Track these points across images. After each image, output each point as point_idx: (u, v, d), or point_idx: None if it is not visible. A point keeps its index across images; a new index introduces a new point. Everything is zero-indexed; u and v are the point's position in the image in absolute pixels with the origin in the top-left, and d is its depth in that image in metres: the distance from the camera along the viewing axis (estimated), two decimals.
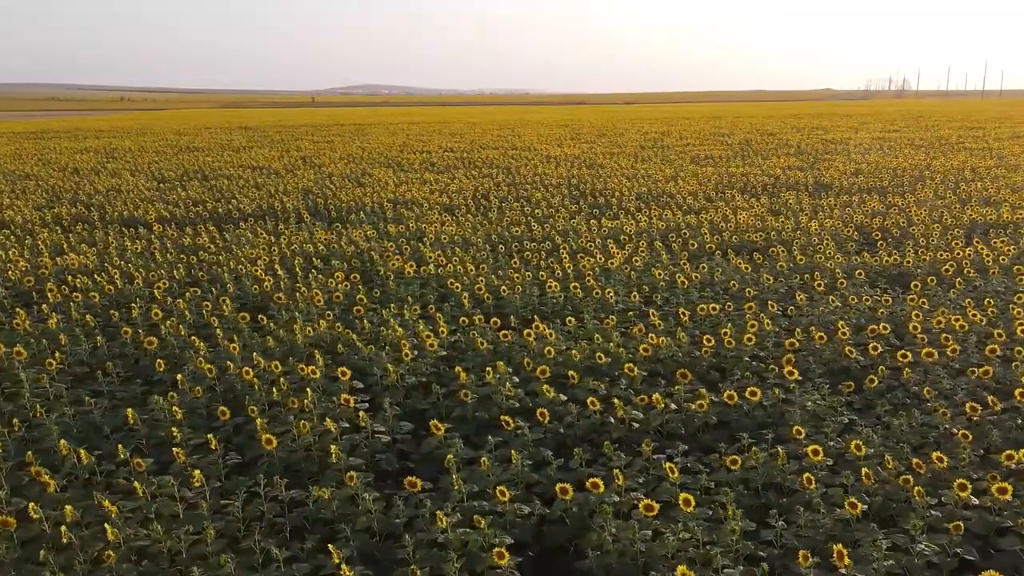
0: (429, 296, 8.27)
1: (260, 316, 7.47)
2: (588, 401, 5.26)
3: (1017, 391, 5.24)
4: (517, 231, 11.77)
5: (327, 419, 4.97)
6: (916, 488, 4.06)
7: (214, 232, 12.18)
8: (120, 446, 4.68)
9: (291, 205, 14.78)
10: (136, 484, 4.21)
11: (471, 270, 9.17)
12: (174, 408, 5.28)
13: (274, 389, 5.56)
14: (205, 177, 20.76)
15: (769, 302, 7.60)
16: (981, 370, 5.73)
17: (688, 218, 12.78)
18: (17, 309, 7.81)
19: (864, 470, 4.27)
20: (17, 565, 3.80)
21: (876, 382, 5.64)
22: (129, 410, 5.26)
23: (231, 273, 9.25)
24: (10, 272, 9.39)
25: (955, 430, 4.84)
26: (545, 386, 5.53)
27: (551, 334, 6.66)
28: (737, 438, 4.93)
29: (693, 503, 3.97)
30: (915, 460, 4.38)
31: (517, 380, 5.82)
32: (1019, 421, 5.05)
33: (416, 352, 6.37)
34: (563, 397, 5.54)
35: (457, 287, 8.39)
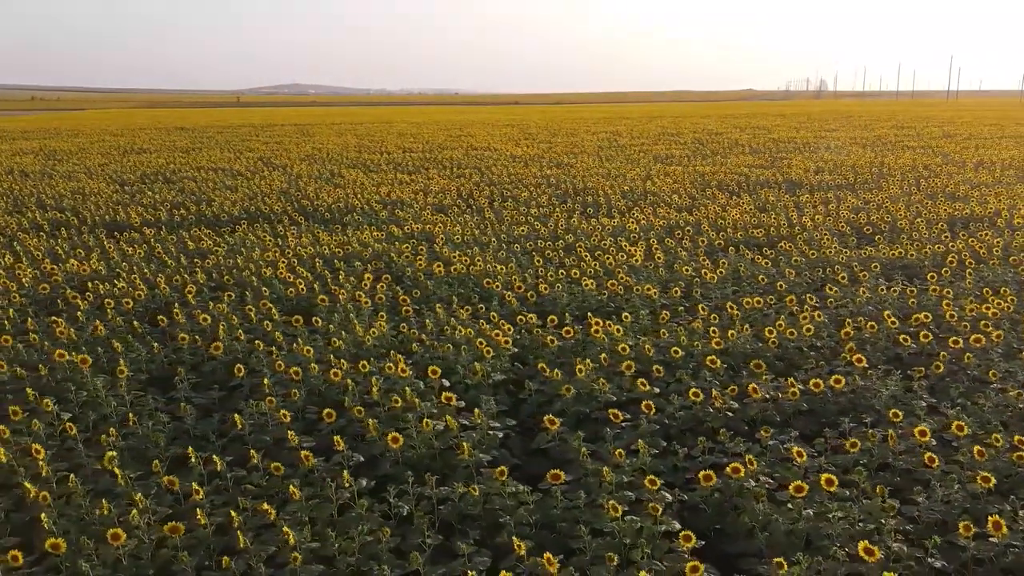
0: (472, 296, 8.33)
1: (314, 319, 7.40)
2: (691, 392, 5.44)
3: None
4: (522, 230, 11.90)
5: (447, 416, 5.02)
6: None
7: (213, 235, 11.93)
8: (253, 451, 4.64)
9: (278, 207, 14.56)
10: (292, 487, 4.20)
11: (501, 269, 9.26)
12: (282, 412, 5.24)
13: (373, 390, 5.55)
14: (167, 179, 20.20)
15: (807, 295, 7.94)
16: None
17: (682, 216, 13.13)
18: (53, 318, 7.53)
19: (976, 448, 4.57)
20: (192, 573, 3.76)
21: (942, 367, 6.00)
22: (236, 415, 5.20)
23: (257, 276, 9.11)
24: (23, 279, 9.02)
25: None
26: (640, 380, 5.70)
27: (618, 330, 6.82)
28: (836, 423, 5.21)
29: (836, 483, 4.20)
30: (1017, 437, 4.70)
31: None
32: None
33: (492, 350, 6.44)
34: (656, 390, 5.71)
35: (496, 286, 8.48)
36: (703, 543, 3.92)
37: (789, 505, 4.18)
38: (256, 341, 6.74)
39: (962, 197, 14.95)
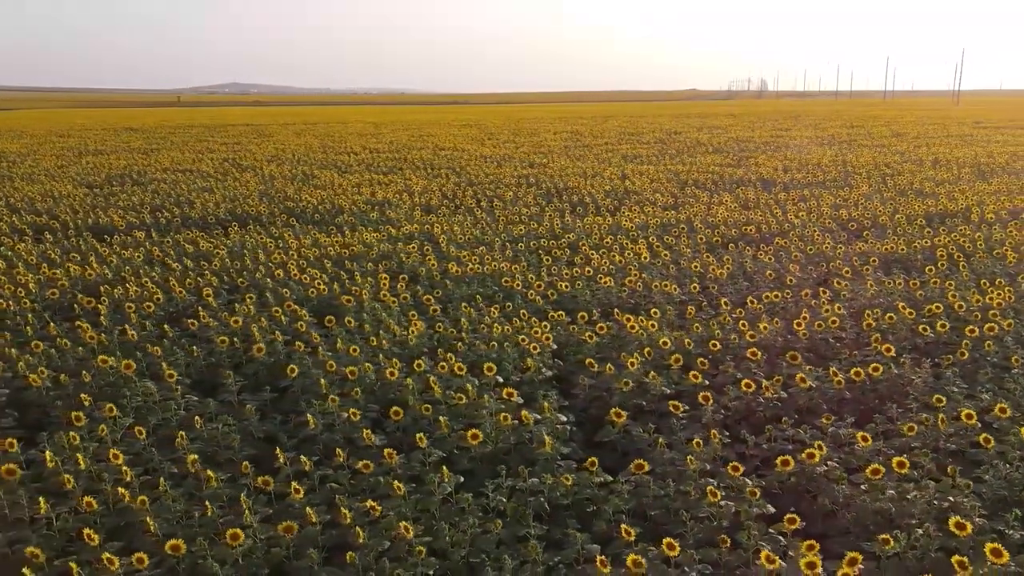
0: (496, 295, 8.43)
1: (346, 319, 7.41)
2: (743, 383, 5.66)
3: None
4: (520, 229, 12.04)
5: (523, 412, 5.14)
6: None
7: (207, 238, 11.80)
8: (339, 451, 4.70)
9: (264, 209, 14.42)
10: (396, 484, 4.27)
11: (515, 268, 9.38)
12: (352, 411, 5.29)
13: (435, 387, 5.64)
14: (136, 182, 19.76)
15: (820, 289, 8.26)
16: None
17: (669, 214, 13.43)
18: (77, 323, 7.40)
19: (1022, 429, 4.89)
20: (319, 570, 3.81)
21: (966, 355, 6.34)
22: (309, 415, 5.23)
23: (271, 278, 9.06)
24: (29, 284, 8.81)
25: None
26: (692, 372, 5.91)
27: (652, 325, 7.02)
28: (877, 409, 5.49)
29: (907, 465, 4.45)
30: None
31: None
32: None
33: (537, 347, 6.57)
34: (706, 382, 5.92)
35: (516, 285, 8.61)
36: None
37: (863, 486, 4.42)
38: (297, 343, 6.75)
39: (930, 194, 15.59)
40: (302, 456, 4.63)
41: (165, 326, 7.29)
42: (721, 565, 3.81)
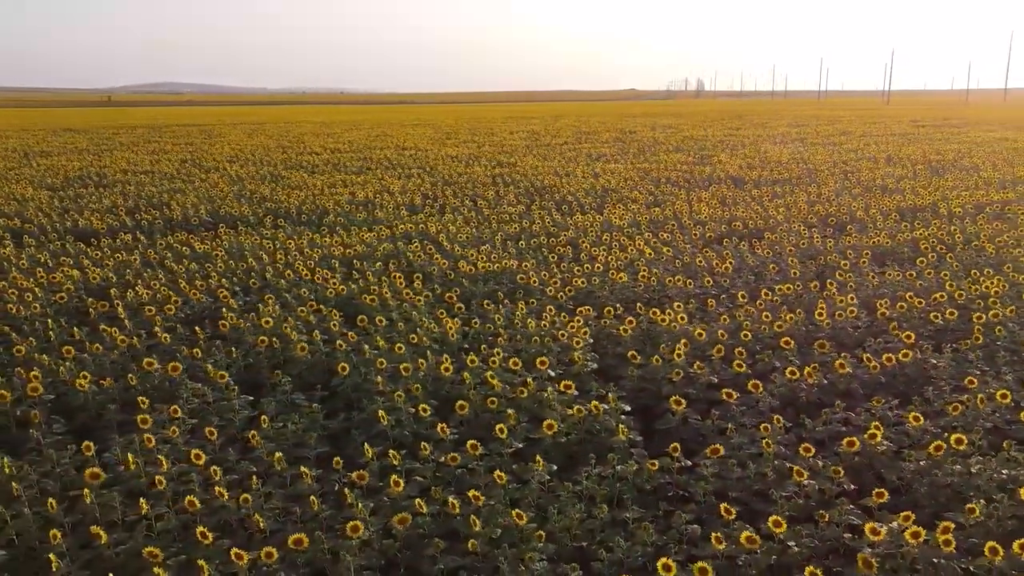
0: (517, 292, 8.56)
1: (377, 318, 7.45)
2: (788, 371, 5.93)
3: None
4: (514, 227, 12.20)
5: (593, 402, 5.30)
6: None
7: (199, 240, 11.64)
8: (424, 444, 4.79)
9: (248, 211, 14.24)
10: (498, 474, 4.39)
11: (525, 266, 9.53)
12: (422, 406, 5.37)
13: (494, 381, 5.75)
14: (99, 184, 19.24)
15: (827, 281, 8.62)
16: None
17: (654, 211, 13.74)
18: (103, 327, 7.27)
19: None
20: (442, 558, 3.90)
21: (981, 339, 6.75)
22: (380, 411, 5.29)
23: (282, 278, 9.02)
24: (36, 290, 8.59)
25: None
26: (736, 362, 6.15)
27: (682, 318, 7.25)
28: (919, 392, 5.83)
29: (965, 441, 4.76)
30: None
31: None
32: None
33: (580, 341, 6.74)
34: (749, 371, 6.17)
35: (534, 282, 8.76)
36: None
37: (922, 462, 4.71)
38: (338, 341, 6.77)
39: (895, 190, 16.29)
40: (390, 451, 4.69)
41: (197, 328, 7.21)
42: (820, 540, 4.03)
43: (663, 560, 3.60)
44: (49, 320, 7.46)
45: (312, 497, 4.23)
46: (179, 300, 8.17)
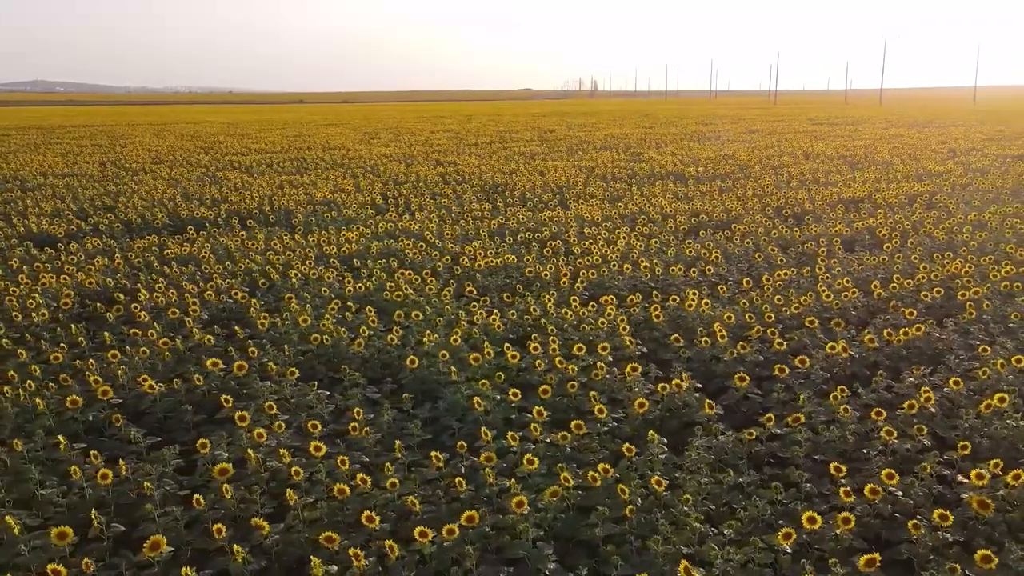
0: (534, 284, 8.82)
1: (414, 314, 7.57)
2: (828, 346, 6.47)
3: None
4: (494, 224, 12.45)
5: (675, 380, 5.65)
6: None
7: (178, 243, 11.36)
8: (535, 427, 5.01)
9: (210, 213, 13.89)
10: (627, 446, 4.67)
11: (527, 260, 9.80)
12: (512, 391, 5.58)
13: (570, 367, 6.02)
14: (22, 188, 18.23)
15: (817, 267, 9.29)
16: (1023, 298, 7.87)
17: (618, 206, 14.26)
18: (134, 330, 7.09)
19: None
20: (605, 527, 4.15)
21: (974, 314, 7.50)
22: (476, 399, 5.46)
23: (287, 278, 8.98)
24: (36, 297, 8.23)
25: None
26: (777, 340, 6.65)
27: (706, 303, 7.71)
28: (941, 361, 6.47)
29: (1007, 400, 5.37)
30: None
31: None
32: None
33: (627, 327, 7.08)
34: (787, 348, 6.67)
35: (545, 274, 9.04)
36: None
37: (969, 422, 5.29)
38: (389, 336, 6.87)
39: (826, 183, 17.41)
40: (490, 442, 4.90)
41: (236, 328, 7.15)
42: (926, 490, 4.50)
43: (807, 513, 3.99)
44: (73, 326, 7.21)
45: (459, 479, 4.40)
46: (196, 302, 8.02)
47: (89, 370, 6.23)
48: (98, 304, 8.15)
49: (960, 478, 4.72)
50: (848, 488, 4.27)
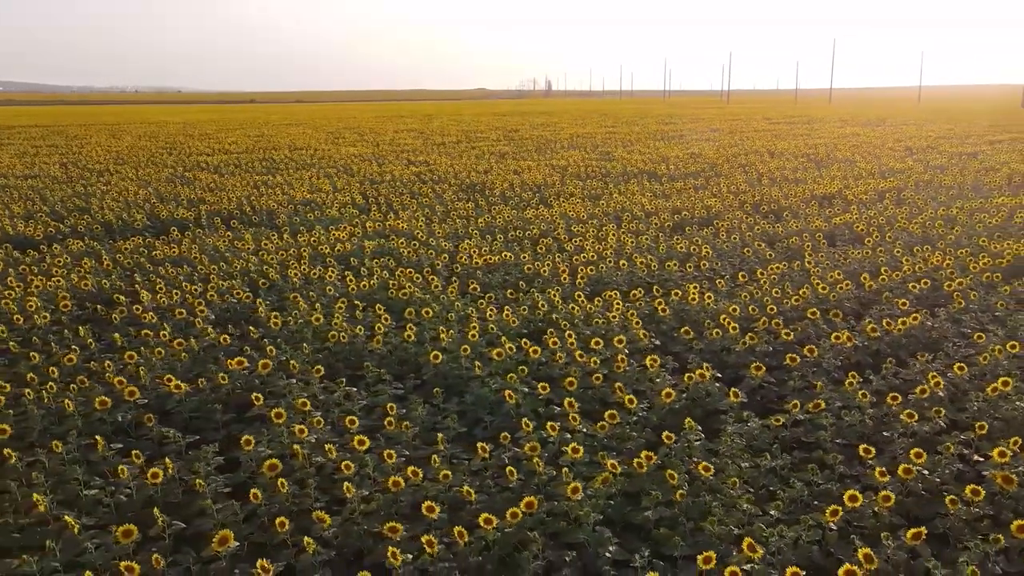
0: (536, 281, 8.94)
1: (424, 311, 7.63)
2: (833, 336, 6.72)
3: None
4: (481, 222, 12.55)
5: (698, 370, 5.83)
6: None
7: (162, 244, 11.23)
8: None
9: (187, 214, 13.72)
10: (667, 434, 4.82)
11: (524, 257, 9.92)
12: (541, 385, 5.70)
13: (593, 360, 6.16)
14: None
15: (806, 260, 9.58)
16: (1005, 288, 8.25)
17: (600, 204, 14.45)
18: (145, 332, 7.03)
19: None
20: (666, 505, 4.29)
21: (963, 303, 7.83)
22: (507, 392, 5.57)
23: (285, 278, 8.97)
24: (35, 300, 8.08)
25: None
26: (786, 331, 6.88)
27: (709, 297, 7.92)
28: (939, 348, 6.77)
29: (1011, 383, 5.67)
30: None
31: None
32: None
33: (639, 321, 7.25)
34: (794, 339, 6.91)
35: (544, 271, 9.18)
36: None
37: (977, 404, 5.58)
38: (405, 332, 6.93)
39: (794, 180, 17.87)
40: (532, 433, 5.02)
41: (251, 327, 7.13)
42: (950, 468, 4.74)
43: (849, 492, 4.19)
44: (81, 328, 7.12)
45: (510, 469, 4.51)
46: (200, 302, 7.97)
47: (107, 371, 6.17)
48: (99, 306, 8.04)
49: (976, 456, 4.99)
50: (882, 468, 4.49)
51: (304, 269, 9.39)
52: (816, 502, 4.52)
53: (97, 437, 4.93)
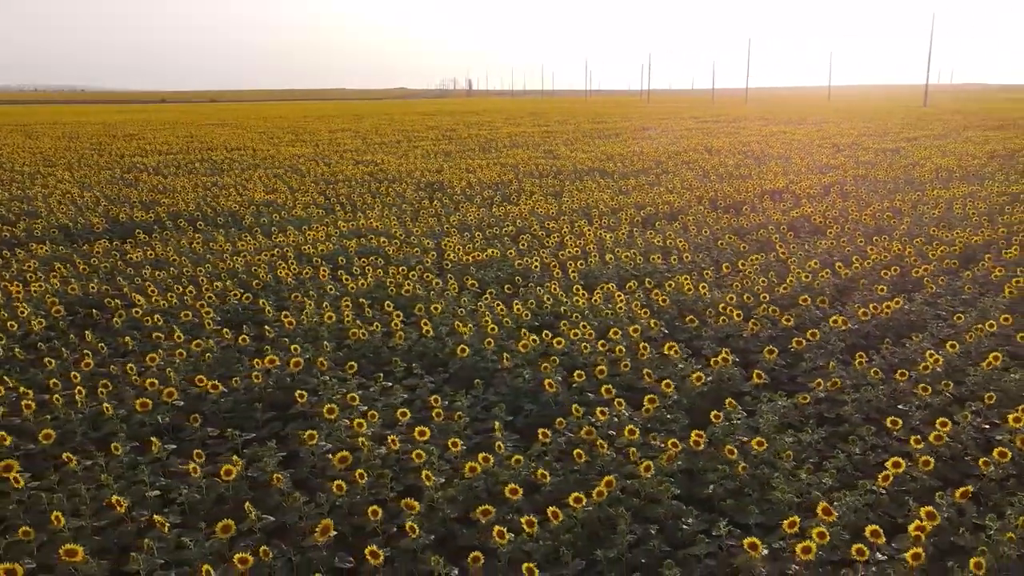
0: (532, 276, 9.13)
1: (433, 307, 7.73)
2: (831, 320, 7.15)
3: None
4: (454, 219, 12.67)
5: (721, 354, 6.13)
6: None
7: (132, 246, 10.96)
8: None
9: (148, 216, 13.36)
10: (715, 413, 5.09)
11: (511, 253, 10.11)
12: (577, 373, 5.90)
13: (619, 349, 6.41)
14: None
15: (781, 252, 10.07)
16: (966, 274, 8.90)
17: (565, 201, 14.74)
18: (157, 335, 6.92)
19: None
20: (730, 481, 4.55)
21: (933, 288, 8.42)
22: (547, 380, 5.75)
23: (279, 278, 8.92)
24: (24, 305, 7.82)
25: None
26: (785, 317, 7.28)
27: (704, 287, 8.28)
28: (924, 328, 7.29)
29: (1001, 357, 6.19)
30: None
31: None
32: None
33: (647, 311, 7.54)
34: (794, 324, 7.32)
35: (535, 267, 9.39)
36: None
37: (972, 377, 6.08)
38: (424, 328, 7.03)
39: (739, 176, 18.58)
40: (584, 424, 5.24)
41: (266, 327, 7.10)
42: (970, 435, 5.18)
43: (893, 459, 4.55)
44: (88, 332, 6.95)
45: (578, 451, 4.70)
46: (203, 303, 7.87)
47: (130, 375, 6.08)
48: (93, 310, 7.85)
49: (983, 424, 5.46)
50: (916, 436, 4.88)
51: (293, 269, 9.34)
52: (855, 471, 4.88)
53: (152, 439, 4.89)
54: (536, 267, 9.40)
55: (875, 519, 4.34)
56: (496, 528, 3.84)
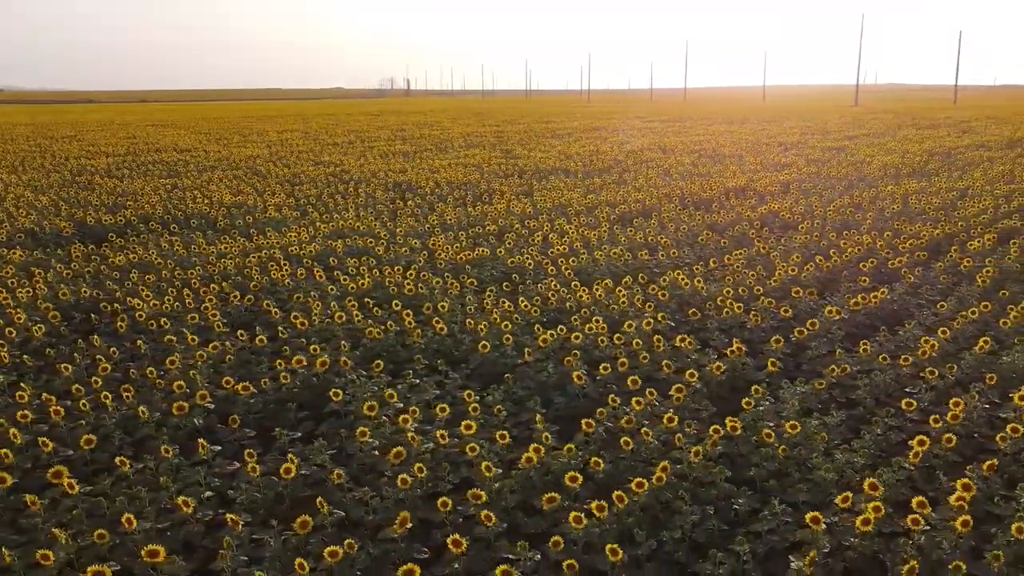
0: (527, 274, 9.27)
1: (440, 305, 7.81)
2: (825, 310, 7.49)
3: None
4: (434, 219, 12.74)
5: (735, 344, 6.38)
6: None
7: (110, 250, 10.73)
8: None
9: (118, 219, 13.05)
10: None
11: (500, 252, 10.23)
12: (603, 366, 6.07)
13: (636, 343, 6.61)
14: None
15: (761, 246, 10.44)
16: (938, 265, 9.39)
17: (536, 200, 14.91)
18: (169, 338, 6.83)
19: None
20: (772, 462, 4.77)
21: (911, 278, 8.87)
22: (576, 373, 5.91)
23: (272, 281, 8.88)
24: (19, 311, 7.62)
25: None
26: (784, 308, 7.59)
27: (698, 281, 8.55)
28: (911, 316, 7.70)
29: (991, 341, 6.60)
30: None
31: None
32: None
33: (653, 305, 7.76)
34: (791, 314, 7.64)
35: (528, 265, 9.54)
36: None
37: (966, 359, 6.47)
38: (438, 326, 7.11)
39: (699, 174, 19.06)
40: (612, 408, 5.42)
41: (280, 328, 7.08)
42: (980, 413, 5.53)
43: (918, 437, 4.85)
44: (96, 337, 6.83)
45: (625, 439, 4.87)
46: (209, 306, 7.79)
47: (150, 378, 6.01)
48: (91, 315, 7.69)
49: (984, 404, 5.82)
50: (936, 416, 5.20)
51: (287, 270, 9.29)
52: (879, 451, 5.18)
53: (200, 440, 4.88)
54: (530, 265, 9.55)
55: (909, 493, 4.63)
56: (573, 514, 3.98)
